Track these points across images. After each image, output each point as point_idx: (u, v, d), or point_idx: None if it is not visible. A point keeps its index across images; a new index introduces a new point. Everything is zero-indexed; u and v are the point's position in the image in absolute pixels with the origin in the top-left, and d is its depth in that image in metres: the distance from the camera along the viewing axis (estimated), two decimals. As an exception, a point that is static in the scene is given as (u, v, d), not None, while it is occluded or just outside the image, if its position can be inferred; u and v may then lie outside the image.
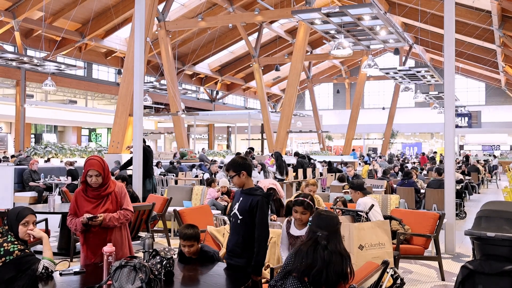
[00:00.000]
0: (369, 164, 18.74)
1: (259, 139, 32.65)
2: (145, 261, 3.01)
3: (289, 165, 14.43)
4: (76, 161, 12.68)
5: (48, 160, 13.04)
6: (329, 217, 3.00)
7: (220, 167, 13.70)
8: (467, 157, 23.51)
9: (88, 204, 3.67)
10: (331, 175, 13.37)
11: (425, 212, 6.42)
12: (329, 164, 16.21)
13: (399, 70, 19.84)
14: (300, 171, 13.38)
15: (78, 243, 6.21)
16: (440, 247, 5.49)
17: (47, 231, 5.93)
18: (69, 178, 11.36)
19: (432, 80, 21.26)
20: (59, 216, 6.65)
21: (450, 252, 6.72)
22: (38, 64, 16.52)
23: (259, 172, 11.27)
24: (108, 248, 3.09)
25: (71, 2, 20.66)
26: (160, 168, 14.77)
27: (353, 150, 29.08)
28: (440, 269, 5.42)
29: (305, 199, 3.85)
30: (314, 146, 36.03)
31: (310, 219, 3.16)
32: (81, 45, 24.04)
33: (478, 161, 19.25)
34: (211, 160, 16.90)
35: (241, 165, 3.36)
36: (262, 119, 24.54)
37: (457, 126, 35.83)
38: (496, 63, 25.84)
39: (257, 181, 9.48)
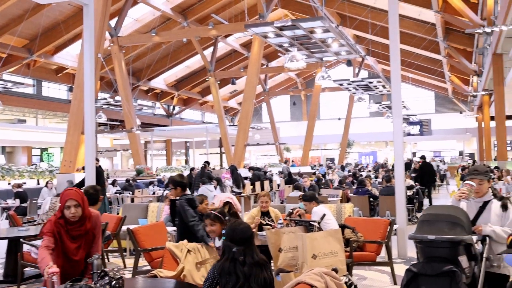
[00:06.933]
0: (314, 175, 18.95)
1: (217, 153, 32.50)
2: (93, 282, 2.93)
3: (245, 178, 14.42)
4: (25, 183, 12.19)
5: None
6: (241, 229, 2.98)
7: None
8: (382, 165, 24.38)
9: (72, 244, 3.40)
10: (289, 186, 13.44)
11: (376, 219, 6.59)
12: (289, 175, 16.31)
13: (352, 81, 20.36)
14: (258, 183, 13.41)
15: (26, 269, 5.97)
16: (392, 252, 5.62)
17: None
18: (17, 200, 10.91)
19: (384, 90, 21.93)
20: (6, 241, 6.34)
21: (403, 256, 6.90)
22: (-17, 82, 15.91)
23: (215, 187, 11.18)
24: (52, 269, 2.98)
25: (17, 17, 19.93)
26: (116, 186, 14.43)
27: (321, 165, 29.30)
28: (392, 274, 5.55)
29: (213, 212, 4.20)
30: (271, 158, 36.25)
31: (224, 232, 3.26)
32: (29, 62, 23.23)
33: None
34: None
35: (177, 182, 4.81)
36: (220, 133, 24.52)
37: (409, 134, 37.10)
38: (443, 72, 27.02)
39: (214, 196, 9.44)
